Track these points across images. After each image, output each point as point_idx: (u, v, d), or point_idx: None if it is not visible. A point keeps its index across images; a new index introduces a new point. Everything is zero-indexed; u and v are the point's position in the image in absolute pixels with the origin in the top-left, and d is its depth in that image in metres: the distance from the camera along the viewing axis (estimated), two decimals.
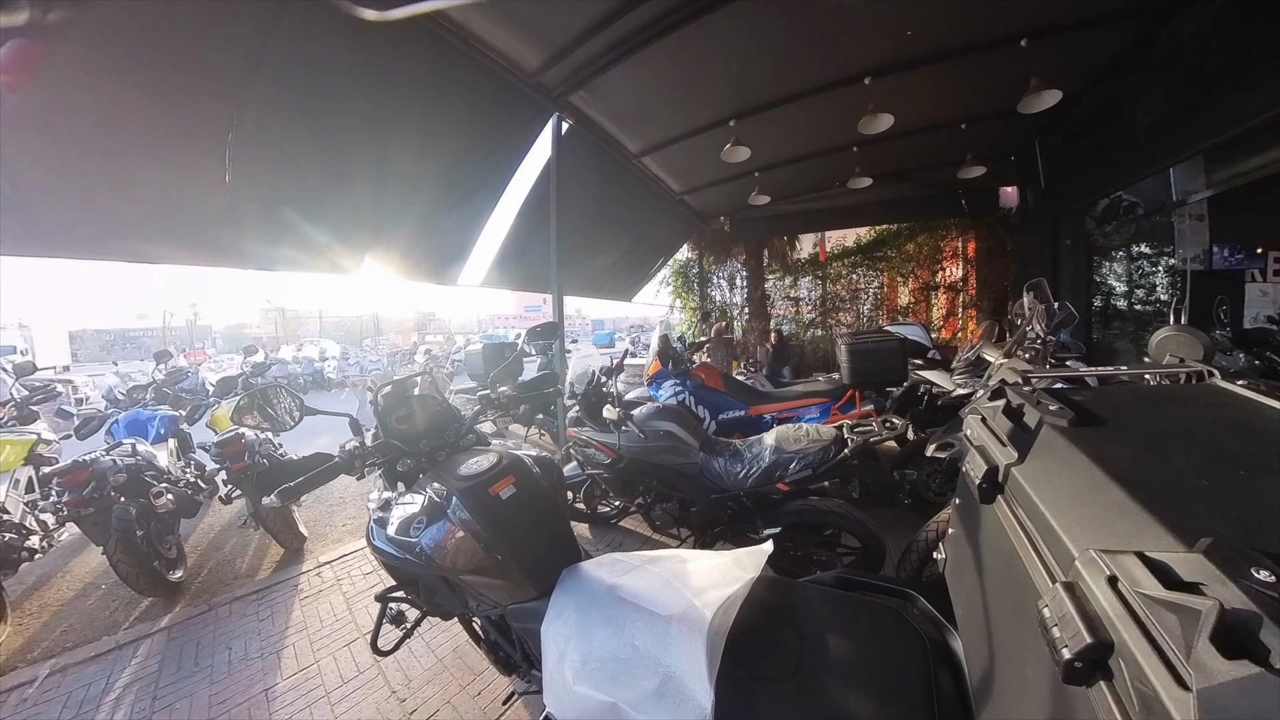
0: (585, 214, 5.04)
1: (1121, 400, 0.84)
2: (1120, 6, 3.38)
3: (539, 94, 3.73)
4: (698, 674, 0.85)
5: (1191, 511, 0.51)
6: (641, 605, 1.01)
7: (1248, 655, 0.35)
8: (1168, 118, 3.95)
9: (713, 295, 8.82)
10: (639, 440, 2.52)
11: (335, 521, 4.08)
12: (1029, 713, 0.59)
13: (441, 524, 1.26)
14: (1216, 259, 5.42)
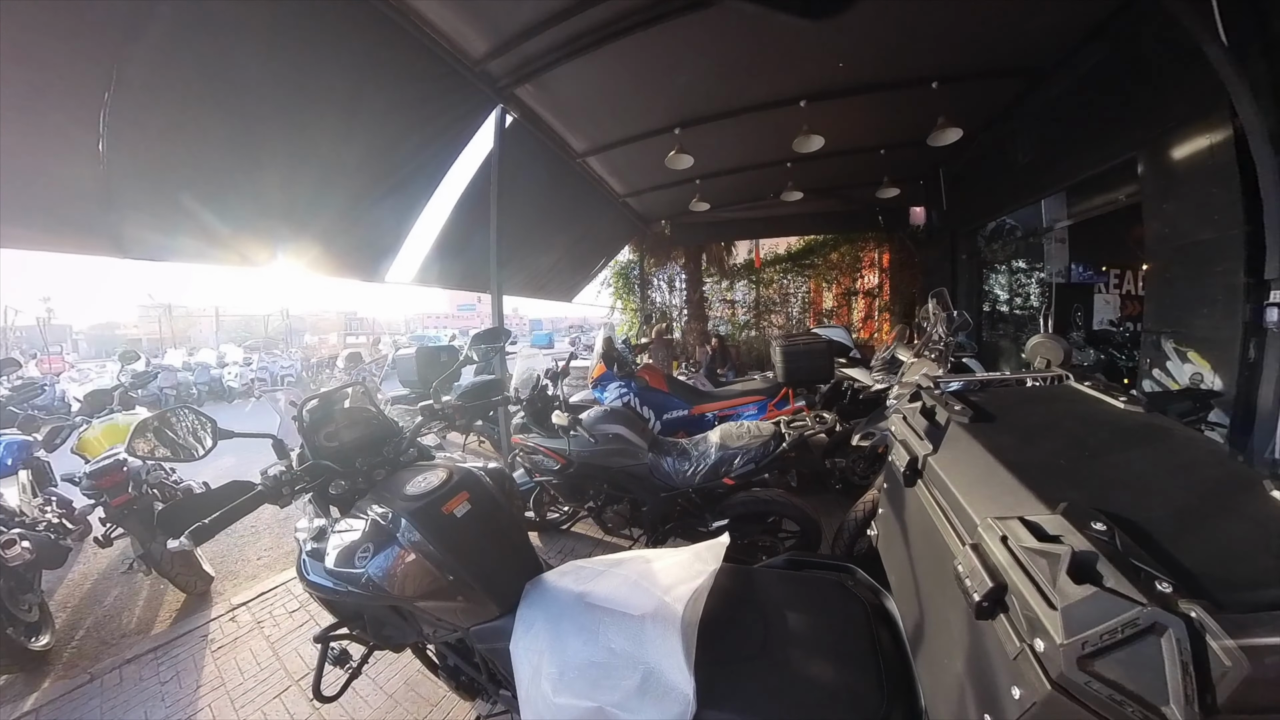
0: (527, 211, 4.90)
1: (1006, 400, 1.05)
2: (1009, 65, 4.03)
3: (483, 83, 3.55)
4: (676, 665, 0.90)
5: (1055, 484, 0.67)
6: (613, 608, 1.04)
7: (1090, 581, 0.50)
8: (1040, 159, 4.66)
9: (653, 297, 9.00)
10: (589, 444, 2.51)
11: (248, 555, 3.58)
12: (952, 649, 0.73)
13: (390, 550, 1.13)
14: (1074, 274, 6.47)
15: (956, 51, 3.75)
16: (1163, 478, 0.71)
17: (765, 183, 6.10)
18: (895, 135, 5.01)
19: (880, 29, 3.44)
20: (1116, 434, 0.82)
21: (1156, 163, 3.40)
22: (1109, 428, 0.84)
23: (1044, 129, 4.49)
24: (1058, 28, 3.60)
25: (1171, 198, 3.35)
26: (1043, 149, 4.58)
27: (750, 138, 4.93)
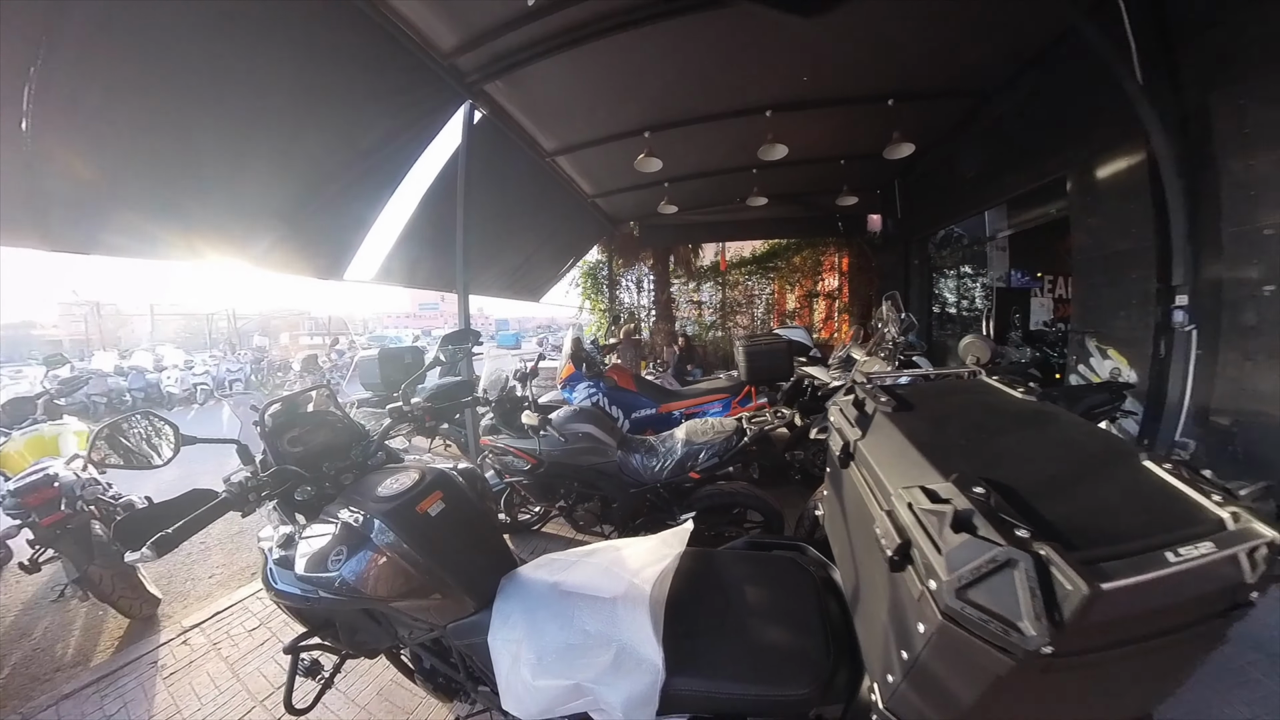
0: (494, 210, 4.83)
1: (925, 391, 1.20)
2: (958, 87, 4.36)
3: (451, 78, 3.47)
4: (646, 639, 0.98)
5: (953, 459, 0.80)
6: (586, 593, 1.11)
7: (966, 531, 0.62)
8: (983, 174, 5.03)
9: (621, 298, 9.05)
10: (559, 443, 2.53)
11: (198, 574, 3.33)
12: (878, 603, 0.85)
13: (364, 552, 1.13)
14: (1014, 279, 6.97)
15: (911, 72, 4.02)
16: (1044, 452, 0.86)
17: (732, 187, 6.27)
18: (854, 147, 5.28)
19: (842, 47, 3.63)
20: (1011, 419, 0.98)
21: (1083, 182, 3.75)
22: (1007, 414, 1.01)
23: (988, 147, 4.86)
24: (1001, 55, 3.91)
25: (1095, 213, 3.69)
26: (986, 165, 4.95)
27: (718, 143, 5.06)
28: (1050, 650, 0.55)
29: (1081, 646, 0.58)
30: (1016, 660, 0.58)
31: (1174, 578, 0.57)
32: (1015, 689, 0.64)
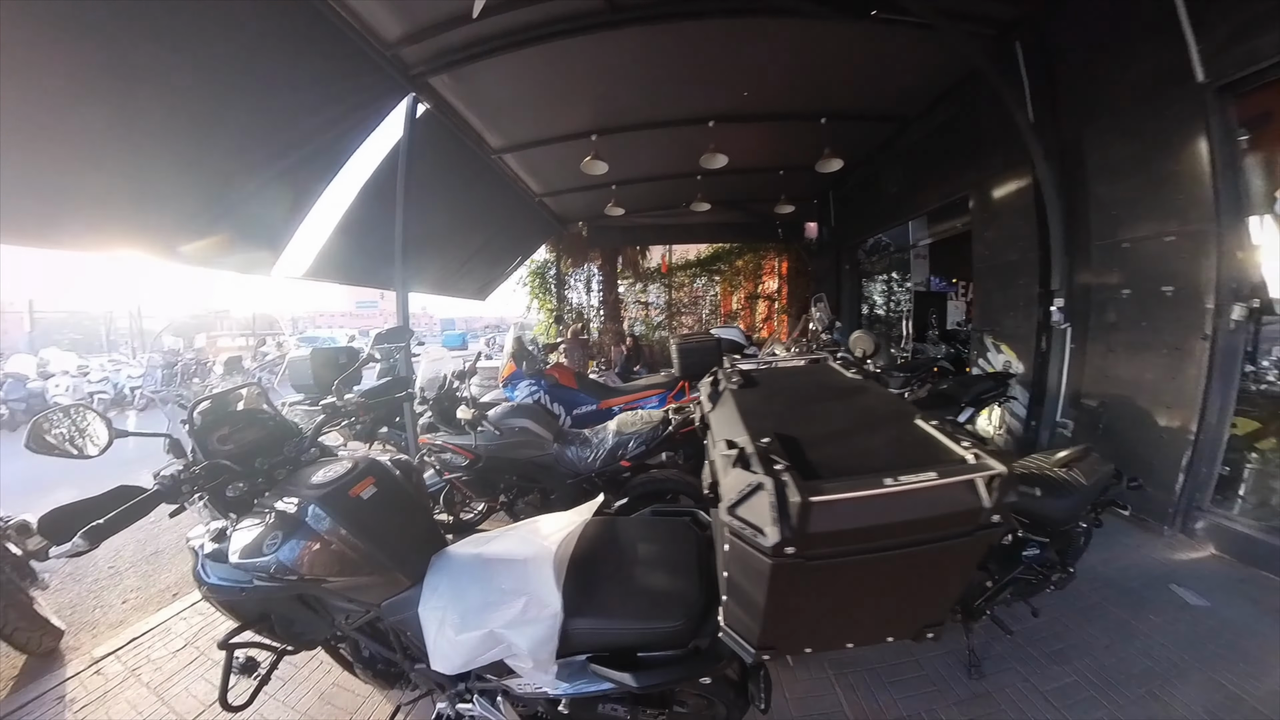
0: (437, 205, 4.72)
1: (773, 374, 1.41)
2: (883, 111, 4.84)
3: (393, 68, 3.38)
4: (548, 589, 1.12)
5: (763, 422, 0.98)
6: (503, 558, 1.24)
7: (743, 467, 0.80)
8: (903, 190, 5.55)
9: (569, 297, 9.05)
10: (495, 438, 2.58)
11: (109, 600, 3.01)
12: (716, 539, 1.01)
13: (301, 535, 1.16)
14: (933, 284, 7.63)
15: (842, 95, 4.41)
16: (842, 416, 1.06)
17: (677, 192, 6.48)
18: (791, 159, 5.63)
19: (780, 67, 3.90)
20: (830, 392, 1.19)
21: (981, 200, 4.25)
22: (831, 389, 1.22)
23: (907, 166, 5.38)
24: (920, 86, 4.37)
25: (990, 227, 4.17)
26: (905, 182, 5.47)
27: (663, 150, 5.24)
28: (792, 551, 0.73)
29: (826, 550, 0.75)
30: (771, 560, 0.74)
31: (890, 496, 0.74)
32: (795, 590, 0.81)
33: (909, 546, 0.77)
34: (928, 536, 0.76)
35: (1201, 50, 2.65)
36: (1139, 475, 2.86)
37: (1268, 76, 2.47)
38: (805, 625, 0.94)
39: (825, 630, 0.97)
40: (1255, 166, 2.76)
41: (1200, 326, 2.74)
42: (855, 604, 0.90)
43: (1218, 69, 2.60)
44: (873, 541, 0.76)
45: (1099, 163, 3.30)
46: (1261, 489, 2.82)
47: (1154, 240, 2.98)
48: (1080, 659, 1.91)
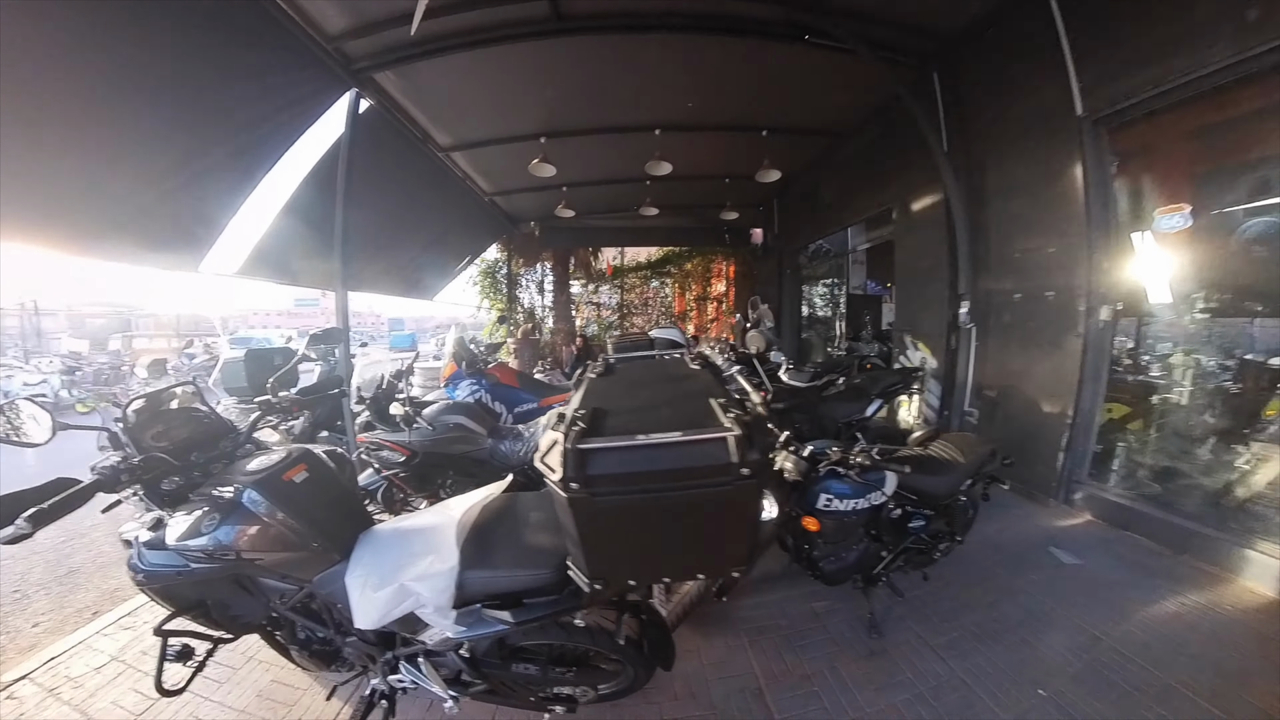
0: (382, 203, 4.63)
1: (633, 364, 1.56)
2: (819, 127, 5.20)
3: (335, 62, 3.30)
4: (449, 546, 1.28)
5: (592, 399, 1.13)
6: (417, 528, 1.41)
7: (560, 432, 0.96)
8: (839, 200, 5.95)
9: (520, 297, 9.00)
10: (430, 434, 2.64)
11: (17, 625, 2.80)
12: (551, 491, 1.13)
13: (236, 517, 1.26)
14: (869, 288, 8.13)
15: (781, 111, 4.71)
16: (662, 394, 1.23)
17: (626, 196, 6.63)
18: (735, 169, 5.92)
19: (723, 81, 4.11)
20: (665, 378, 1.36)
21: (903, 212, 4.65)
22: (665, 375, 1.39)
23: (842, 178, 5.78)
24: (852, 106, 4.73)
25: (910, 237, 4.58)
26: (841, 193, 5.87)
27: (612, 155, 5.37)
28: (577, 488, 0.92)
29: (607, 490, 0.95)
30: (565, 495, 0.94)
31: (646, 448, 0.95)
32: (596, 525, 1.00)
33: (678, 490, 0.97)
34: (693, 484, 0.96)
35: (1081, 87, 3.06)
36: (1030, 454, 3.28)
37: (1134, 112, 2.90)
38: (623, 560, 1.13)
39: (643, 566, 1.16)
40: (1122, 189, 3.21)
41: (1075, 326, 3.17)
42: (657, 542, 1.08)
43: (1093, 104, 3.02)
44: (646, 485, 0.96)
45: (998, 183, 3.72)
46: (1129, 463, 3.29)
47: (1039, 251, 3.40)
48: (967, 616, 2.18)
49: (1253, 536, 2.47)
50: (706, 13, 3.35)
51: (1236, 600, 2.25)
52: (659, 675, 1.78)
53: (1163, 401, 3.27)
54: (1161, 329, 3.30)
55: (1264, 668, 1.84)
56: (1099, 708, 1.67)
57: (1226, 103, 2.81)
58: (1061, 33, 3.08)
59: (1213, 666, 1.84)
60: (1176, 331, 3.25)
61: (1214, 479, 2.96)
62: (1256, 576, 2.33)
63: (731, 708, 1.73)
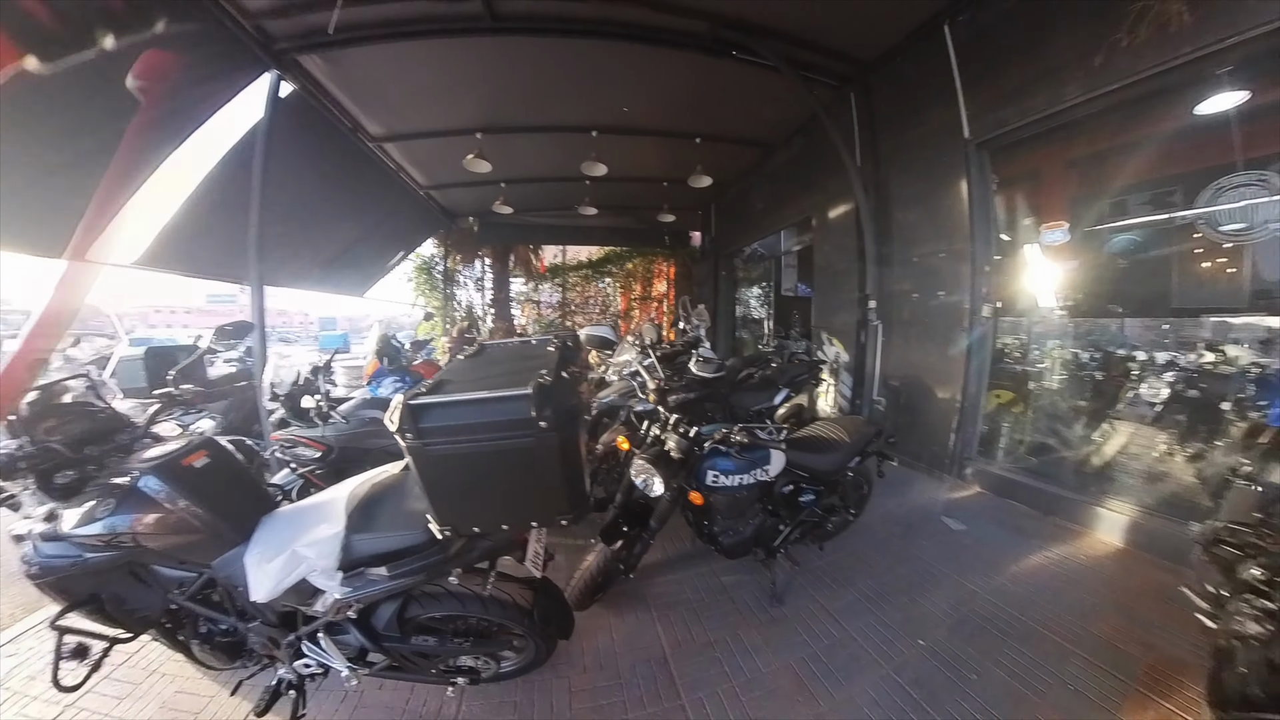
0: (306, 193, 4.41)
1: (501, 347, 1.69)
2: (750, 138, 5.51)
3: (253, 41, 3.12)
4: (338, 513, 1.38)
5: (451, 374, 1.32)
6: (314, 503, 1.47)
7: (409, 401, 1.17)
8: (768, 207, 6.34)
9: (458, 295, 8.77)
10: (346, 429, 2.61)
11: None
12: None
13: (133, 501, 1.26)
14: (799, 289, 8.61)
15: (714, 120, 4.96)
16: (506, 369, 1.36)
17: (565, 195, 6.66)
18: (671, 172, 6.11)
19: (657, 89, 4.27)
20: (520, 357, 1.48)
21: (820, 220, 5.07)
22: (521, 355, 1.52)
23: (771, 186, 6.18)
24: (779, 120, 5.07)
25: (826, 242, 4.97)
26: (770, 200, 6.26)
27: (549, 154, 5.41)
28: (410, 438, 1.12)
29: (439, 440, 1.14)
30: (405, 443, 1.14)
31: (463, 403, 1.14)
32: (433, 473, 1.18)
33: (491, 441, 1.15)
34: (501, 435, 1.15)
35: (968, 114, 3.49)
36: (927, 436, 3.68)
37: (1010, 138, 3.36)
38: (465, 508, 1.28)
39: (484, 514, 1.31)
40: (1001, 205, 3.71)
41: (961, 322, 3.59)
42: (488, 490, 1.24)
43: (977, 129, 3.46)
44: (467, 436, 1.15)
45: (900, 195, 4.13)
46: (1011, 441, 3.82)
47: (933, 256, 3.82)
48: (863, 581, 2.44)
49: (1104, 497, 2.95)
50: (637, 22, 3.48)
51: (1090, 551, 2.68)
52: (569, 651, 1.90)
53: (1039, 388, 3.83)
54: (1040, 326, 3.85)
55: (1108, 604, 2.20)
56: (969, 650, 1.93)
57: (1092, 138, 3.36)
58: (954, 65, 3.50)
59: (1067, 607, 2.18)
60: (1052, 328, 3.82)
61: (1076, 451, 3.53)
62: (1107, 529, 2.79)
63: (637, 676, 1.84)
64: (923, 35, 3.66)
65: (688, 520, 2.27)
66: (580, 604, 2.06)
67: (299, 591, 1.35)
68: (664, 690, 1.77)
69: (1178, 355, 3.12)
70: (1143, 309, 3.64)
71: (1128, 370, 3.39)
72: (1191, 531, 1.69)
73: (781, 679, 1.82)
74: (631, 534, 2.08)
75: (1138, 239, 3.58)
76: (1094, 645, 1.95)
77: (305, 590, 1.35)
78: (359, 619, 1.47)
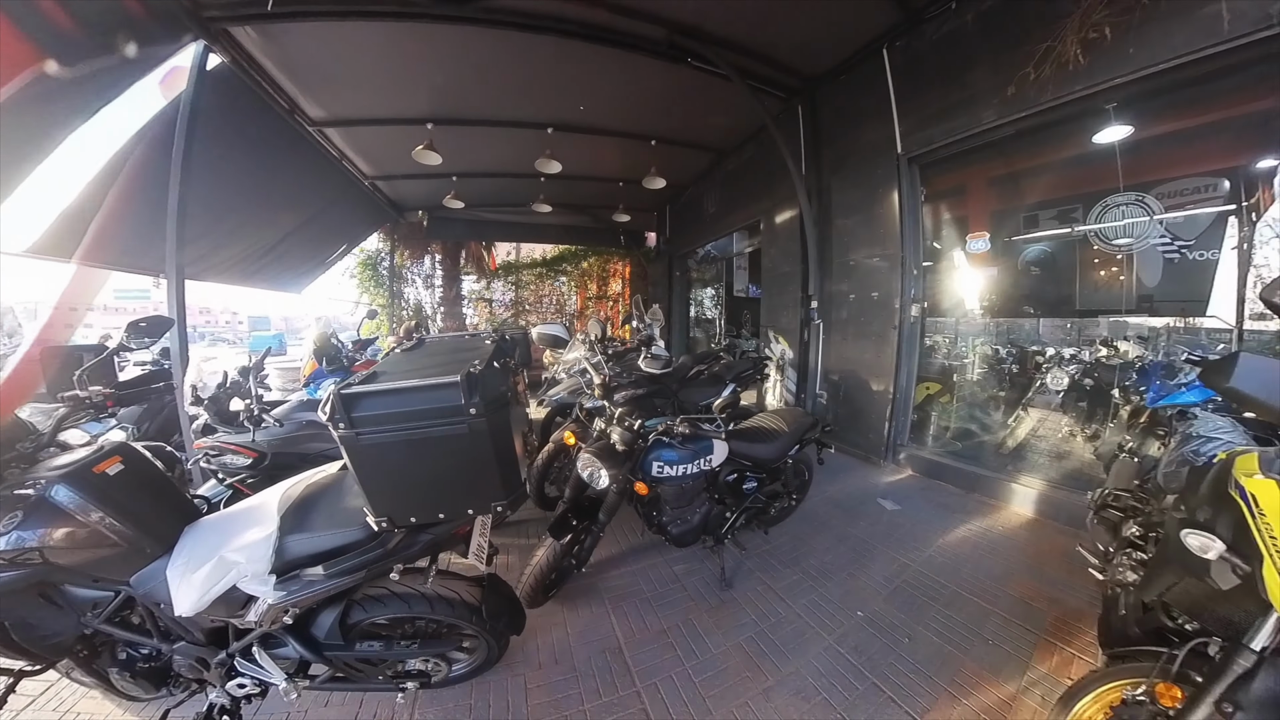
0: (235, 178, 4.07)
1: (437, 341, 1.72)
2: (704, 143, 5.67)
3: (177, 5, 2.87)
4: (270, 515, 1.33)
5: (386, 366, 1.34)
6: (244, 507, 1.40)
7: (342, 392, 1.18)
8: (720, 210, 6.53)
9: (405, 292, 8.39)
10: (280, 433, 2.42)
11: None
12: None
13: (40, 513, 1.14)
14: (751, 290, 8.90)
15: (669, 124, 5.06)
16: (440, 360, 1.35)
17: (520, 191, 6.57)
18: (626, 173, 6.17)
19: (613, 89, 4.31)
20: (458, 349, 1.49)
21: (768, 224, 5.30)
22: (460, 348, 1.54)
23: (723, 190, 6.36)
24: (732, 127, 5.24)
25: (773, 246, 5.20)
26: (722, 203, 6.45)
27: (503, 149, 5.30)
28: (344, 427, 1.13)
29: (370, 429, 1.14)
30: (336, 433, 1.14)
31: (395, 391, 1.15)
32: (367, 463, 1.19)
33: (423, 428, 1.15)
34: (433, 422, 1.16)
35: (901, 130, 3.77)
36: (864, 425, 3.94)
37: (936, 155, 3.68)
38: (400, 497, 1.27)
39: (420, 503, 1.30)
40: (929, 214, 4.05)
41: (892, 320, 3.86)
42: (423, 478, 1.24)
43: (909, 146, 3.75)
44: (399, 423, 1.15)
45: (840, 202, 4.39)
46: (939, 428, 4.20)
47: (868, 260, 4.09)
48: (806, 561, 2.58)
49: (1017, 474, 3.32)
50: (595, 23, 3.51)
51: (1006, 522, 2.99)
52: (524, 649, 1.90)
53: (963, 380, 4.21)
54: (964, 325, 4.25)
55: (1020, 567, 2.48)
56: (901, 617, 2.11)
57: (1009, 159, 3.79)
58: (890, 85, 3.79)
59: (986, 572, 2.43)
60: (974, 327, 4.22)
61: (995, 436, 3.95)
62: (1020, 502, 3.13)
63: (593, 668, 1.86)
64: (864, 56, 3.94)
65: (638, 512, 2.31)
66: (533, 601, 2.04)
67: (228, 602, 1.27)
68: (619, 679, 1.80)
69: (1078, 350, 3.54)
70: (1051, 310, 4.12)
71: (1038, 364, 3.80)
72: (1086, 499, 1.96)
73: (732, 658, 1.90)
74: (581, 527, 2.08)
75: (1047, 249, 4.07)
76: (1009, 604, 2.18)
77: (236, 600, 1.28)
78: (297, 628, 1.40)
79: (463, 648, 1.69)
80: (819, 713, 1.65)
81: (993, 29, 3.12)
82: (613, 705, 1.69)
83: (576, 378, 3.07)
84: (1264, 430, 1.35)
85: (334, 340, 3.93)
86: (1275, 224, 2.87)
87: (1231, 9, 2.16)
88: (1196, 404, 1.96)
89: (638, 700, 1.71)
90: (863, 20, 3.65)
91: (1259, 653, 0.92)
